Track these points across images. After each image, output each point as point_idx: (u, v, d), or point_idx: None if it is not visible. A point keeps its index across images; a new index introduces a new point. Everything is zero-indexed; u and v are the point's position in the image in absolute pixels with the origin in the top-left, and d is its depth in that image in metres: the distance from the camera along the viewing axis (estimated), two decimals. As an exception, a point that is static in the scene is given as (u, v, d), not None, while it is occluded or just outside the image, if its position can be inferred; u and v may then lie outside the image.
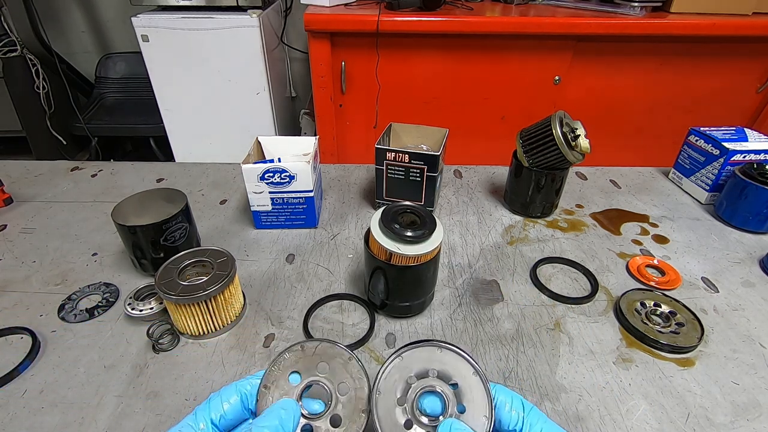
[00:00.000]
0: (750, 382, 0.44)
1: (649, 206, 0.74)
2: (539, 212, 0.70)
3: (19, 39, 1.84)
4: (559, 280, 0.58)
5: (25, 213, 0.70)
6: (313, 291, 0.55)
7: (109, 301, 0.53)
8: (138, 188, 0.63)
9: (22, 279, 0.57)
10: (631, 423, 0.40)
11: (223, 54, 1.60)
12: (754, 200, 0.64)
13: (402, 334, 0.50)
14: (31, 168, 0.84)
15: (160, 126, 1.79)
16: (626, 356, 0.47)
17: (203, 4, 1.61)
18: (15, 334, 0.49)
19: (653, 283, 0.56)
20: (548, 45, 1.33)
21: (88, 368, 0.45)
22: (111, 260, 0.60)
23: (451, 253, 0.62)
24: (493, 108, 1.45)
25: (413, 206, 0.49)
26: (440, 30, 1.27)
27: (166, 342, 0.47)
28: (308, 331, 0.49)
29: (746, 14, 1.29)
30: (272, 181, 0.61)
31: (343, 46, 1.32)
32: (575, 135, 0.62)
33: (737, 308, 0.53)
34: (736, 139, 0.71)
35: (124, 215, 0.53)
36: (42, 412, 0.41)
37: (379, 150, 0.64)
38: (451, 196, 0.76)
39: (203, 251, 0.50)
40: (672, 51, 1.34)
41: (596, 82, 1.40)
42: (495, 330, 0.50)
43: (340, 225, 0.68)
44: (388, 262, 0.46)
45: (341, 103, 1.44)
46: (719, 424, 0.40)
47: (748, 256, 0.62)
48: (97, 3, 2.16)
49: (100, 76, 2.13)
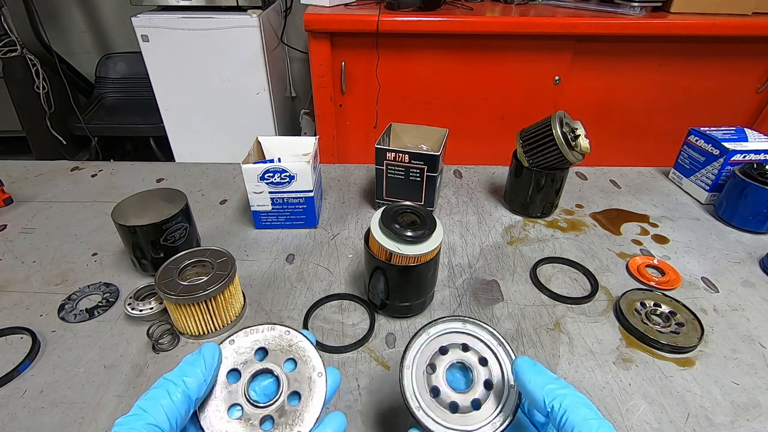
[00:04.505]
0: (750, 382, 0.44)
1: (649, 206, 0.74)
2: (539, 212, 0.70)
3: (19, 39, 1.84)
4: (559, 280, 0.58)
5: (25, 213, 0.70)
6: (313, 291, 0.55)
7: (109, 301, 0.53)
8: (138, 188, 0.63)
9: (22, 279, 0.57)
10: (631, 423, 0.40)
11: (223, 54, 1.60)
12: (754, 200, 0.64)
13: (402, 334, 0.50)
14: (31, 168, 0.84)
15: (160, 126, 1.79)
16: (626, 356, 0.47)
17: (203, 4, 1.61)
18: (15, 334, 0.49)
19: (653, 283, 0.56)
20: (548, 45, 1.33)
21: (88, 368, 0.45)
22: (111, 260, 0.60)
23: (451, 253, 0.62)
24: (493, 108, 1.45)
25: (413, 206, 0.49)
26: (440, 30, 1.27)
27: (166, 342, 0.47)
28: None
29: (746, 14, 1.29)
30: (272, 181, 0.61)
31: (343, 46, 1.32)
32: (575, 135, 0.62)
33: (737, 308, 0.53)
34: (736, 139, 0.71)
35: (124, 215, 0.53)
36: (42, 412, 0.41)
37: (379, 150, 0.64)
38: (451, 196, 0.76)
39: (203, 251, 0.50)
40: (672, 51, 1.34)
41: (596, 82, 1.40)
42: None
43: (340, 225, 0.68)
44: (388, 262, 0.46)
45: (341, 103, 1.44)
46: (719, 424, 0.40)
47: (748, 256, 0.62)
48: (97, 3, 2.16)
49: (100, 76, 2.13)
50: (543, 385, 0.28)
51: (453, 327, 0.35)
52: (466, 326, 0.34)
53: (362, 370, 0.45)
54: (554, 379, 0.29)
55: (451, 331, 0.34)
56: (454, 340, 0.34)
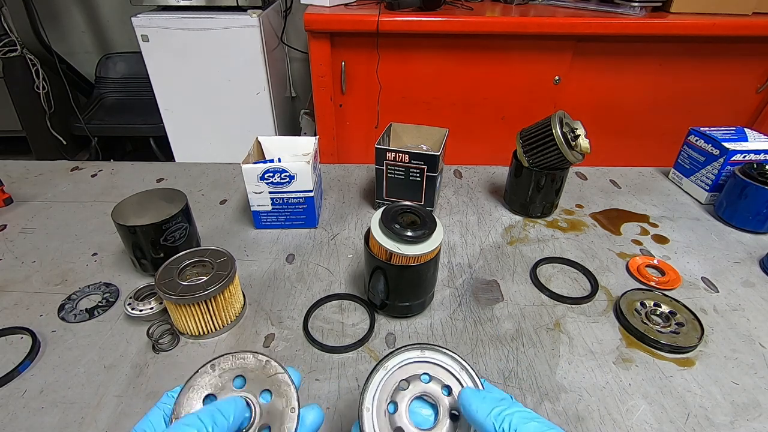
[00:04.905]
0: (750, 382, 0.44)
1: (649, 206, 0.74)
2: (539, 212, 0.70)
3: (19, 39, 1.84)
4: (559, 280, 0.58)
5: (25, 213, 0.70)
6: (313, 291, 0.55)
7: (109, 301, 0.53)
8: (138, 188, 0.63)
9: (22, 279, 0.57)
10: (631, 423, 0.40)
11: (223, 54, 1.60)
12: (754, 200, 0.64)
13: (402, 334, 0.50)
14: (31, 168, 0.84)
15: (160, 126, 1.79)
16: (626, 356, 0.47)
17: (203, 4, 1.61)
18: (15, 334, 0.49)
19: (653, 283, 0.56)
20: (548, 45, 1.33)
21: (88, 368, 0.45)
22: (111, 260, 0.60)
23: (451, 253, 0.62)
24: (493, 108, 1.45)
25: (413, 206, 0.49)
26: (440, 30, 1.27)
27: (166, 342, 0.47)
28: (308, 331, 0.49)
29: (746, 14, 1.29)
30: (272, 181, 0.61)
31: (343, 46, 1.32)
32: (575, 135, 0.62)
33: (737, 308, 0.53)
34: (736, 139, 0.71)
35: (124, 215, 0.53)
36: (42, 412, 0.41)
37: (379, 150, 0.64)
38: (451, 196, 0.76)
39: (203, 251, 0.50)
40: (672, 51, 1.34)
41: (596, 82, 1.40)
42: (495, 330, 0.50)
43: (340, 225, 0.68)
44: (388, 262, 0.46)
45: (341, 103, 1.44)
46: (719, 424, 0.40)
47: (748, 256, 0.62)
48: (97, 3, 2.16)
49: (100, 76, 2.13)
50: (488, 411, 0.27)
51: (411, 357, 0.32)
52: (424, 354, 0.32)
53: (362, 370, 0.45)
54: (499, 400, 0.28)
55: (410, 361, 0.32)
56: (414, 371, 0.31)
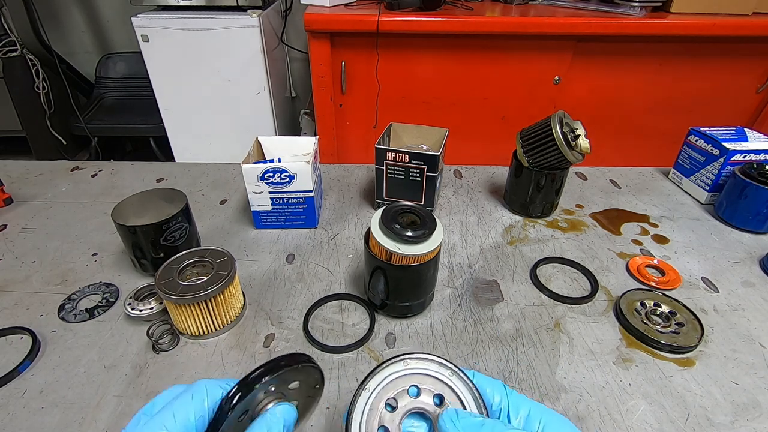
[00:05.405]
0: (750, 382, 0.44)
1: (649, 206, 0.74)
2: (539, 212, 0.70)
3: (19, 39, 1.84)
4: (559, 280, 0.58)
5: (25, 213, 0.70)
6: (313, 291, 0.55)
7: (109, 301, 0.53)
8: (138, 188, 0.63)
9: (22, 279, 0.57)
10: (631, 423, 0.40)
11: (223, 54, 1.60)
12: (754, 200, 0.64)
13: (402, 334, 0.50)
14: (31, 168, 0.84)
15: (160, 126, 1.79)
16: (626, 356, 0.47)
17: (203, 4, 1.61)
18: (15, 334, 0.49)
19: (653, 283, 0.56)
20: (548, 45, 1.33)
21: (88, 368, 0.45)
22: (111, 260, 0.60)
23: (451, 253, 0.62)
24: (493, 108, 1.45)
25: (413, 206, 0.49)
26: (440, 30, 1.27)
27: (166, 342, 0.47)
28: (308, 331, 0.49)
29: (746, 14, 1.29)
30: (272, 181, 0.61)
31: (343, 46, 1.32)
32: (575, 135, 0.62)
33: (737, 308, 0.53)
34: (736, 139, 0.71)
35: (124, 215, 0.53)
36: (42, 412, 0.41)
37: (379, 150, 0.64)
38: (451, 196, 0.76)
39: (203, 251, 0.50)
40: (672, 51, 1.34)
41: (596, 82, 1.40)
42: (495, 330, 0.50)
43: (340, 225, 0.68)
44: (388, 262, 0.46)
45: (341, 103, 1.44)
46: (719, 424, 0.40)
47: (748, 256, 0.62)
48: (97, 3, 2.16)
49: (100, 76, 2.13)
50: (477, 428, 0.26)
51: (394, 371, 0.29)
52: (409, 365, 0.29)
53: (362, 370, 0.45)
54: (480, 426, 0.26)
55: (394, 377, 0.29)
56: (400, 386, 0.28)
